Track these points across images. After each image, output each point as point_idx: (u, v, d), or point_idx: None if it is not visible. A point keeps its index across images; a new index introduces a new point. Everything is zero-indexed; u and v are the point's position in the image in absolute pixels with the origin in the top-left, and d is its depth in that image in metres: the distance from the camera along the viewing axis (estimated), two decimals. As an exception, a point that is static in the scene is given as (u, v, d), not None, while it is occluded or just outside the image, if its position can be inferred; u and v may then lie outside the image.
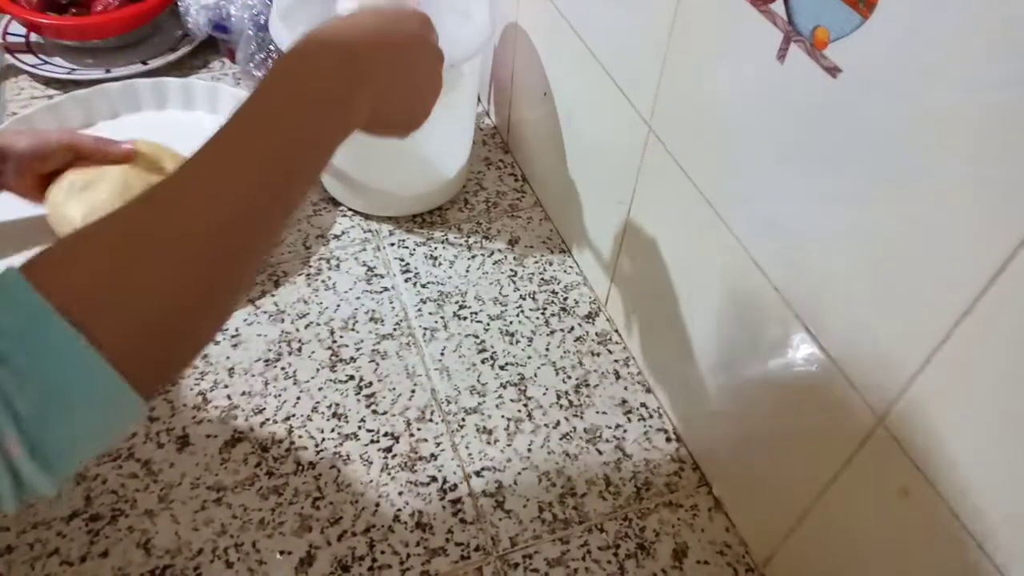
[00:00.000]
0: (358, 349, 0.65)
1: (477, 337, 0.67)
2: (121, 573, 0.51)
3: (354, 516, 0.55)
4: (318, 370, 0.64)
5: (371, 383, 0.63)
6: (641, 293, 0.64)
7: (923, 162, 0.34)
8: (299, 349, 0.65)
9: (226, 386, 0.62)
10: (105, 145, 0.67)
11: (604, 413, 0.63)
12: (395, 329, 0.67)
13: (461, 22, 0.73)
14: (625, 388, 0.65)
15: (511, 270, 0.73)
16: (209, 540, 0.53)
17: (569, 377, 0.65)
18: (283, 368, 0.63)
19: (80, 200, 0.65)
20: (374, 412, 0.61)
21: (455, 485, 0.57)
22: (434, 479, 0.57)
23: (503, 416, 0.62)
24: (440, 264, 0.73)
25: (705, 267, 0.53)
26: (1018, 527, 0.34)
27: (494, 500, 0.57)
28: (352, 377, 0.63)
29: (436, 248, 0.75)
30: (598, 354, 0.67)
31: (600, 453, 0.60)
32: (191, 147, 0.34)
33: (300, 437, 0.59)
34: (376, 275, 0.72)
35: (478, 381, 0.64)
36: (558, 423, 0.62)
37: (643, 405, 0.63)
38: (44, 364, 0.28)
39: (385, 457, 0.58)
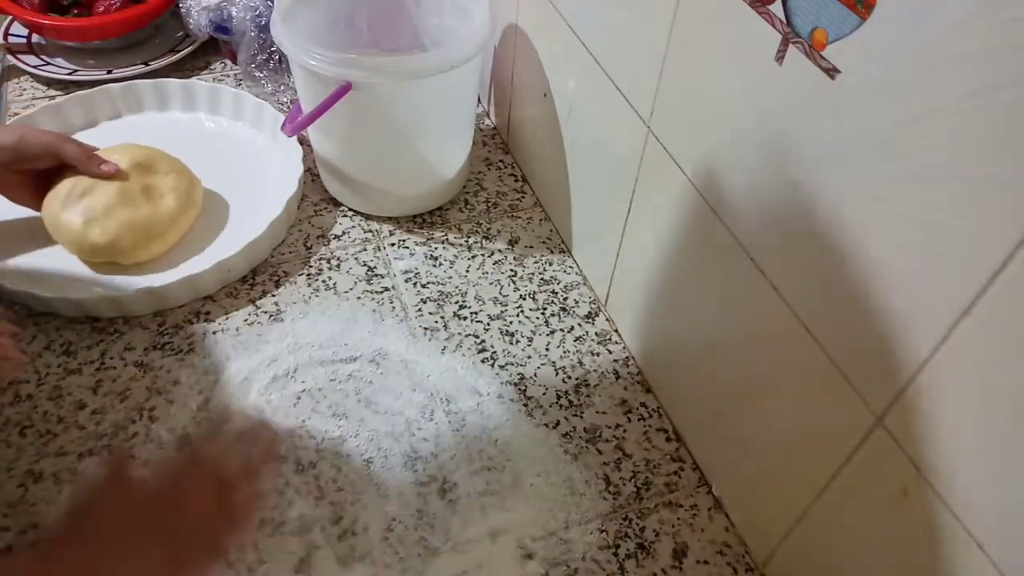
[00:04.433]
0: (358, 349, 0.65)
1: (477, 337, 0.67)
2: (122, 572, 0.51)
3: (354, 516, 0.55)
4: (318, 369, 0.64)
5: (371, 382, 0.63)
6: (641, 293, 0.64)
7: (922, 162, 0.34)
8: (299, 348, 0.65)
9: (225, 386, 0.62)
10: (88, 162, 0.65)
11: (604, 413, 0.63)
12: (394, 329, 0.67)
13: (461, 22, 0.73)
14: (625, 388, 0.65)
15: (511, 270, 0.73)
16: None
17: (569, 377, 0.65)
18: (283, 368, 0.64)
19: (79, 208, 0.65)
20: (374, 412, 0.61)
21: (455, 484, 0.57)
22: (434, 478, 0.58)
23: (503, 416, 0.62)
24: (440, 264, 0.73)
25: (705, 267, 0.54)
26: (1017, 527, 0.34)
27: (494, 500, 0.57)
28: (352, 376, 0.63)
29: (436, 248, 0.75)
30: (598, 354, 0.67)
31: (600, 453, 0.60)
32: (191, 148, 0.34)
33: (300, 437, 0.59)
34: (376, 275, 0.72)
35: (478, 381, 0.64)
36: (558, 423, 0.62)
37: (643, 405, 0.64)
38: None
39: (385, 457, 0.59)
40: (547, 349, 0.67)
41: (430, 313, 0.69)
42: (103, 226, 0.65)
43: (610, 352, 0.67)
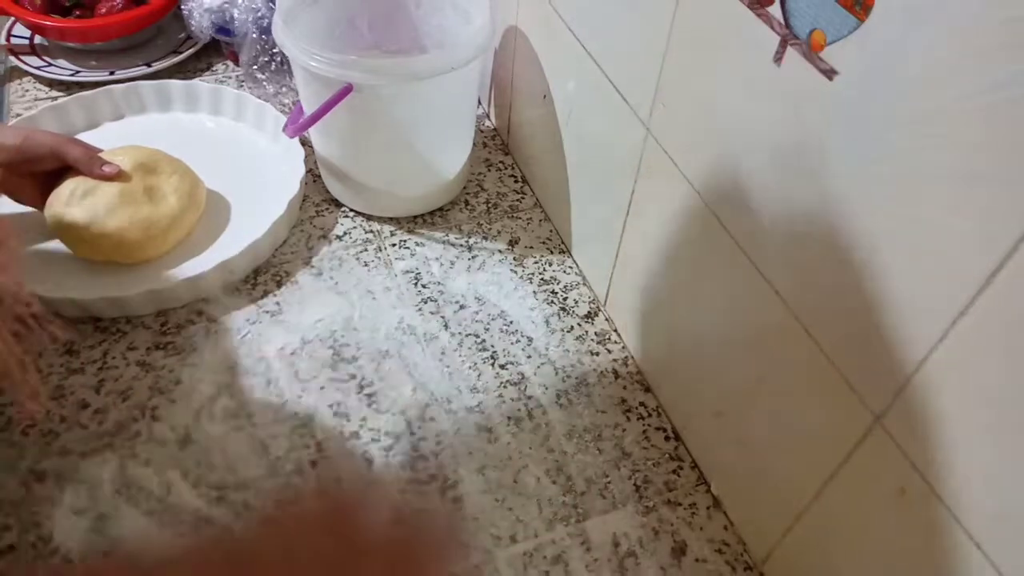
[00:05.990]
0: (359, 348, 0.66)
1: (477, 337, 0.67)
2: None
3: (355, 515, 0.55)
4: (320, 369, 0.64)
5: (372, 382, 0.63)
6: (640, 293, 0.64)
7: (920, 163, 0.35)
8: (301, 348, 0.65)
9: (227, 385, 0.62)
10: (91, 163, 0.66)
11: (603, 412, 0.63)
12: (396, 329, 0.68)
13: (462, 24, 0.74)
14: (624, 387, 0.65)
15: (511, 270, 0.73)
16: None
17: (569, 376, 0.65)
18: (285, 367, 0.64)
19: (82, 207, 0.65)
20: (375, 411, 0.62)
21: (455, 483, 0.58)
22: (435, 478, 0.58)
23: (503, 415, 0.62)
24: (441, 264, 0.73)
25: (703, 267, 0.54)
26: (1015, 527, 0.34)
27: (494, 498, 0.57)
28: (353, 376, 0.64)
29: (437, 248, 0.75)
30: (597, 354, 0.67)
31: (600, 452, 0.60)
32: (193, 149, 0.34)
33: (301, 436, 0.60)
34: (378, 275, 0.72)
35: (478, 380, 0.64)
36: (558, 422, 0.62)
37: (642, 404, 0.64)
38: None
39: (386, 456, 0.59)
40: (547, 349, 0.67)
41: (431, 313, 0.69)
42: (105, 226, 0.65)
43: (610, 352, 0.67)
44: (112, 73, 0.89)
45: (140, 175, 0.68)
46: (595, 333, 0.69)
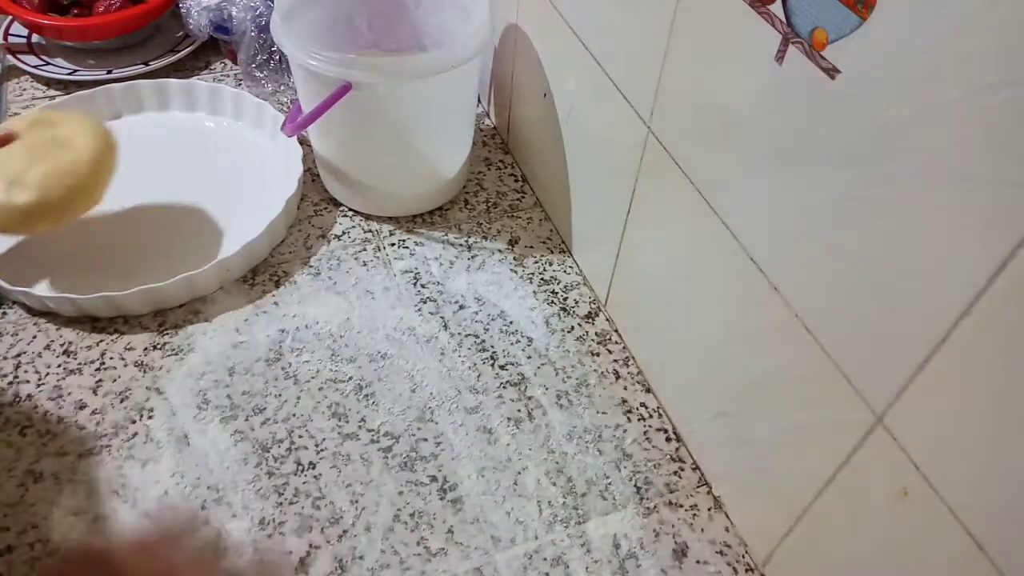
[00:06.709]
0: (358, 348, 0.65)
1: (477, 337, 0.67)
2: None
3: (354, 516, 0.55)
4: (318, 370, 0.64)
5: (371, 383, 0.63)
6: (641, 293, 0.64)
7: (922, 162, 0.34)
8: (300, 348, 0.65)
9: (227, 385, 0.62)
10: None
11: (604, 413, 0.63)
12: (395, 329, 0.67)
13: (461, 22, 0.73)
14: (625, 388, 0.65)
15: (511, 270, 0.73)
16: (209, 541, 0.53)
17: (569, 377, 0.65)
18: (283, 368, 0.64)
19: None
20: (374, 412, 0.61)
21: (455, 485, 0.57)
22: (434, 479, 0.58)
23: (503, 416, 0.62)
24: (440, 264, 0.73)
25: (704, 266, 0.54)
26: (1017, 527, 0.34)
27: (494, 499, 0.57)
28: (352, 377, 0.63)
29: (436, 248, 0.75)
30: (598, 354, 0.67)
31: (600, 453, 0.60)
32: (191, 147, 0.34)
33: (300, 437, 0.59)
34: (376, 275, 0.72)
35: (478, 381, 0.64)
36: (558, 423, 0.62)
37: (643, 405, 0.64)
38: None
39: (385, 457, 0.59)
40: (547, 349, 0.67)
41: (430, 313, 0.69)
42: (25, 184, 0.58)
43: (610, 352, 0.67)
44: (110, 72, 0.89)
45: (38, 130, 0.62)
46: (596, 333, 0.69)
